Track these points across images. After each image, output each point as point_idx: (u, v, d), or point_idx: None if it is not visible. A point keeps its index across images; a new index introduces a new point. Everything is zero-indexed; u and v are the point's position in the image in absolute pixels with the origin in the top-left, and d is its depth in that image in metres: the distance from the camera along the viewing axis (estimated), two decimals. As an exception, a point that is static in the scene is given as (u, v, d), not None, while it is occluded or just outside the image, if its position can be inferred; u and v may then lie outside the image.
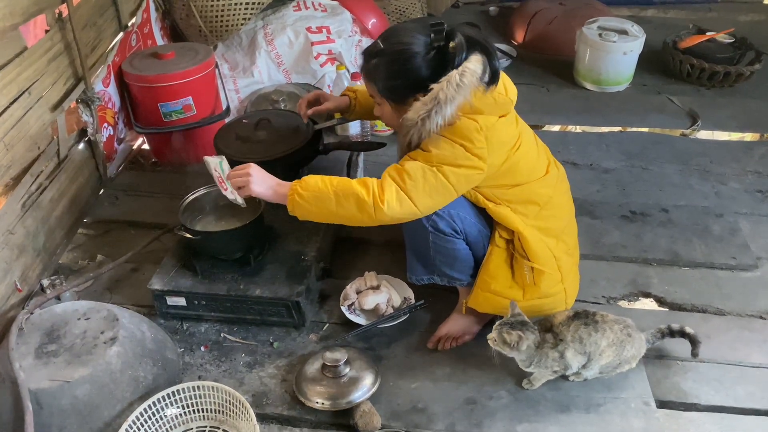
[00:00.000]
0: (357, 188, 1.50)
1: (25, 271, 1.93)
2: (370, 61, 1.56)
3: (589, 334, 1.58)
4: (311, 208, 1.54)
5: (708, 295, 1.96)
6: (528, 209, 1.66)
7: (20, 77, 1.88)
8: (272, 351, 1.82)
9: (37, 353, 1.59)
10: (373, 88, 1.60)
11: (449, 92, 1.43)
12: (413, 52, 1.49)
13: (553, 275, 1.68)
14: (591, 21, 3.13)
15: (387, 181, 1.51)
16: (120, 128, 2.57)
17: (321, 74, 2.87)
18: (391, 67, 1.52)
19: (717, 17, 3.81)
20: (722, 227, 2.22)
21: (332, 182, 1.53)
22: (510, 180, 1.62)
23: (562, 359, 1.59)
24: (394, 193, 1.50)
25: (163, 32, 2.92)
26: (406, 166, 1.51)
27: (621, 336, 1.60)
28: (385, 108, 1.62)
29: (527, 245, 1.63)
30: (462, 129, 1.49)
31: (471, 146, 1.49)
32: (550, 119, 2.94)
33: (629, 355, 1.61)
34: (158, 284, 1.85)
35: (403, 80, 1.52)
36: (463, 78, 1.43)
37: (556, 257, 1.68)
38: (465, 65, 1.44)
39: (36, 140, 1.99)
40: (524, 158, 1.62)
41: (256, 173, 1.60)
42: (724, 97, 3.04)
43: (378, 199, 1.49)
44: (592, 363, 1.60)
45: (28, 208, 1.95)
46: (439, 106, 1.44)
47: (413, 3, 3.47)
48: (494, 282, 1.69)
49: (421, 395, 1.68)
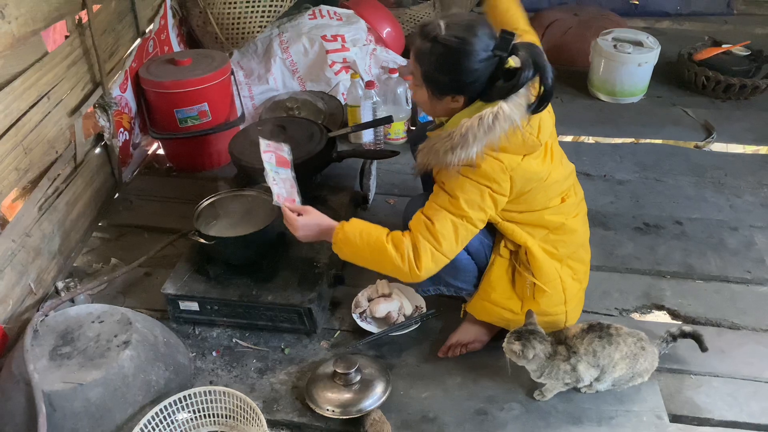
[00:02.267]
0: (391, 254, 1.49)
1: (40, 273, 1.95)
2: (424, 42, 1.45)
3: (602, 347, 1.57)
4: (353, 259, 1.59)
5: (722, 309, 1.95)
6: (536, 231, 1.64)
7: (40, 82, 1.91)
8: (283, 357, 1.83)
9: (51, 355, 1.60)
10: (417, 68, 1.50)
11: (479, 134, 1.41)
12: (471, 50, 1.40)
13: (555, 296, 1.65)
14: (606, 32, 3.13)
15: (422, 244, 1.49)
16: (136, 133, 2.59)
17: (335, 82, 2.89)
18: (443, 58, 1.43)
19: (733, 30, 3.79)
20: (737, 241, 2.21)
21: (368, 240, 1.53)
22: (522, 207, 1.60)
23: (574, 372, 1.58)
24: (430, 256, 1.49)
25: (180, 39, 2.95)
26: (438, 225, 1.49)
27: (634, 349, 1.59)
28: (421, 91, 1.54)
29: (533, 259, 1.61)
30: (488, 171, 1.46)
31: (498, 187, 1.49)
32: (563, 129, 2.93)
33: (642, 368, 1.60)
34: (171, 289, 1.86)
35: (449, 76, 1.45)
36: (495, 121, 1.40)
37: (562, 279, 1.66)
38: (501, 106, 1.40)
39: (54, 144, 2.01)
40: (543, 192, 1.59)
41: (302, 228, 1.62)
42: (740, 109, 3.02)
43: (414, 266, 1.49)
44: (605, 376, 1.59)
45: (44, 211, 1.97)
46: (466, 143, 1.42)
47: (428, 13, 3.48)
48: (494, 292, 1.68)
49: (431, 405, 1.67)
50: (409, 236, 1.51)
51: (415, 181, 2.21)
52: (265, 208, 1.91)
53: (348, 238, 1.55)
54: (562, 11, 3.63)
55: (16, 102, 1.80)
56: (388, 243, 1.51)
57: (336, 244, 1.57)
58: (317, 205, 2.05)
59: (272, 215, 1.85)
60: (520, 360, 1.57)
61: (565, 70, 3.36)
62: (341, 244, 1.56)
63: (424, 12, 3.47)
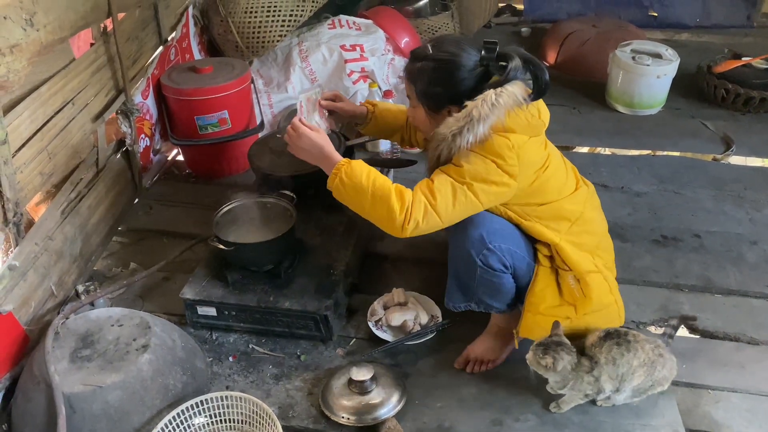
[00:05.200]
0: (393, 200, 1.49)
1: (61, 276, 1.98)
2: (415, 63, 1.58)
3: (621, 354, 1.55)
4: (347, 196, 1.56)
5: (741, 324, 1.93)
6: (560, 225, 1.64)
7: (65, 88, 1.95)
8: (299, 364, 1.84)
9: (72, 357, 1.62)
10: (411, 90, 1.61)
11: (483, 110, 1.45)
12: (460, 63, 1.52)
13: (602, 284, 1.63)
14: (624, 44, 3.13)
15: (417, 197, 1.51)
16: (156, 139, 2.63)
17: (353, 91, 2.91)
18: (435, 74, 1.54)
19: (753, 42, 3.77)
20: (757, 255, 2.19)
21: (375, 182, 1.52)
22: (539, 199, 1.61)
23: (597, 383, 1.56)
24: (422, 210, 1.49)
25: (201, 47, 2.99)
26: (437, 182, 1.52)
27: (652, 356, 1.57)
28: (418, 112, 1.64)
29: (565, 255, 1.61)
30: (494, 146, 1.49)
31: (503, 163, 1.50)
32: (580, 141, 2.93)
33: (661, 375, 1.58)
34: (190, 294, 1.88)
35: (443, 89, 1.54)
36: (499, 98, 1.45)
37: (599, 268, 1.65)
38: (505, 87, 1.46)
39: (77, 149, 2.05)
40: (553, 177, 1.62)
41: (305, 138, 1.61)
42: (760, 123, 3.00)
43: (407, 219, 1.49)
44: (625, 384, 1.57)
45: (67, 215, 2.01)
46: (472, 123, 1.46)
47: (446, 23, 3.50)
48: (543, 303, 1.63)
49: (447, 414, 1.67)
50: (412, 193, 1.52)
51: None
52: (284, 215, 1.92)
53: (354, 173, 1.53)
54: (581, 22, 3.63)
55: (42, 108, 1.84)
56: (393, 191, 1.50)
57: (338, 176, 1.54)
58: (333, 213, 2.08)
59: (290, 222, 1.86)
60: (548, 372, 1.56)
61: (583, 82, 3.36)
62: (345, 177, 1.53)
63: (443, 22, 3.49)
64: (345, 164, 1.55)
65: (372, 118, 1.94)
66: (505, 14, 4.19)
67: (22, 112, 1.75)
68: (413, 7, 3.54)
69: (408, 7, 3.51)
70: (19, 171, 1.75)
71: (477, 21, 3.88)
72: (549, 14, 3.99)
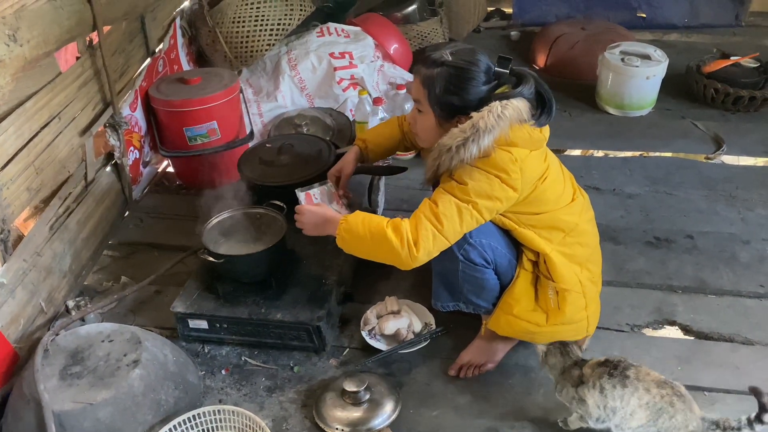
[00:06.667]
0: (390, 238, 1.50)
1: (51, 292, 1.96)
2: (432, 68, 1.55)
3: (613, 386, 1.45)
4: (353, 248, 1.60)
5: (735, 324, 1.92)
6: (552, 234, 1.65)
7: (51, 103, 1.93)
8: (292, 375, 1.82)
9: (62, 375, 1.61)
10: (423, 95, 1.59)
11: (489, 121, 1.45)
12: (477, 72, 1.53)
13: (578, 301, 1.65)
14: (613, 46, 3.13)
15: (423, 224, 1.50)
16: (146, 152, 2.61)
17: (343, 99, 2.91)
18: (452, 81, 1.54)
19: (741, 41, 3.78)
20: (750, 254, 2.19)
21: (370, 226, 1.55)
22: (535, 208, 1.62)
23: (584, 405, 1.49)
24: (431, 237, 1.50)
25: (189, 58, 2.98)
26: (441, 206, 1.51)
27: (659, 402, 1.42)
28: (426, 119, 1.62)
29: (552, 266, 1.62)
30: (497, 160, 1.49)
31: (507, 177, 1.50)
32: (572, 144, 2.92)
33: (668, 425, 1.41)
34: (181, 307, 1.87)
35: (457, 97, 1.54)
36: (505, 110, 1.46)
37: (582, 283, 1.66)
38: (510, 100, 1.47)
39: (65, 164, 2.03)
40: (551, 188, 1.62)
41: (308, 213, 1.67)
42: (750, 122, 3.00)
43: (412, 249, 1.50)
44: (622, 422, 1.45)
45: (55, 230, 1.99)
46: (478, 134, 1.46)
47: (435, 29, 3.50)
48: (517, 305, 1.66)
49: (441, 423, 1.66)
50: (411, 220, 1.53)
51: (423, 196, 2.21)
52: (274, 225, 1.91)
53: (351, 228, 1.57)
54: (569, 25, 3.64)
55: (28, 123, 1.83)
56: (387, 228, 1.52)
57: (340, 234, 1.58)
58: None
59: (281, 233, 1.85)
60: (541, 362, 1.57)
61: (573, 84, 3.36)
62: (345, 234, 1.57)
63: (431, 28, 3.49)
64: (343, 221, 1.58)
65: (367, 153, 1.96)
66: (494, 18, 4.18)
67: (7, 128, 1.74)
68: (402, 14, 3.53)
69: (396, 13, 3.50)
70: (5, 187, 1.74)
71: (466, 26, 3.88)
72: (538, 17, 3.99)
